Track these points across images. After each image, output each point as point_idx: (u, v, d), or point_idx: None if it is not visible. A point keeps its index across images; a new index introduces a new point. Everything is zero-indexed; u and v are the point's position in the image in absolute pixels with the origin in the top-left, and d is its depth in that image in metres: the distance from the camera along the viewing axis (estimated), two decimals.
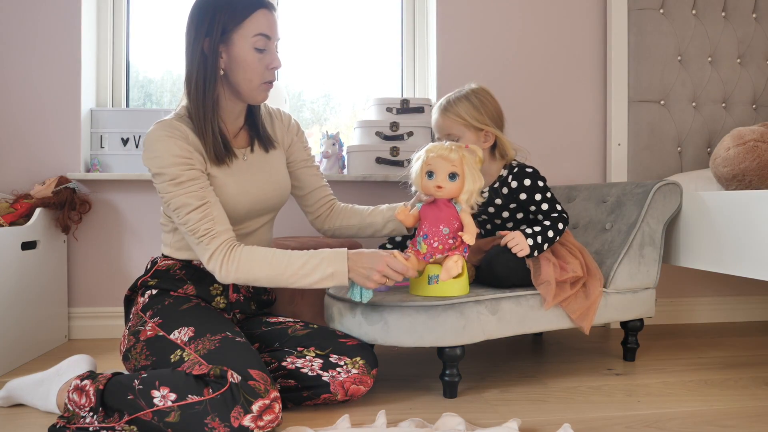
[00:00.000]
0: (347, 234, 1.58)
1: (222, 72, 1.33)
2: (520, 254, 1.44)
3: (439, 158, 1.32)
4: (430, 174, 1.34)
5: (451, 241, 1.32)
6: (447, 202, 1.34)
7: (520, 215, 1.56)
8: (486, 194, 1.56)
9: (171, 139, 1.27)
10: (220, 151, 1.33)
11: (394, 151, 2.09)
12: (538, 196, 1.52)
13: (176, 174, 1.26)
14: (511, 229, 1.54)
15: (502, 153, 1.56)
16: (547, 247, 1.49)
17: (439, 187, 1.31)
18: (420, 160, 1.36)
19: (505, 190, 1.54)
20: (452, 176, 1.31)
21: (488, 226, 1.61)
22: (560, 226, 1.51)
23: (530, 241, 1.46)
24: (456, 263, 1.30)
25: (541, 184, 1.52)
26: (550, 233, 1.49)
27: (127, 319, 1.42)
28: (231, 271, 1.26)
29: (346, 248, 1.30)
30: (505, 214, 1.57)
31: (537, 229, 1.49)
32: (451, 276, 1.31)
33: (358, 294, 1.32)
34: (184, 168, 1.27)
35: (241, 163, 1.40)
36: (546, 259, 1.48)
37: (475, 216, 1.61)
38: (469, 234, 1.32)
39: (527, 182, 1.51)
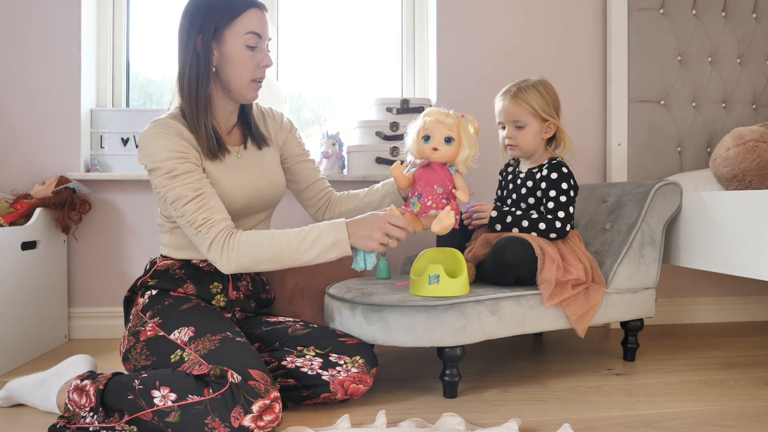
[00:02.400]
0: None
1: (214, 69, 1.35)
2: (479, 221, 1.56)
3: (436, 122, 1.34)
4: (426, 138, 1.36)
5: (444, 201, 1.33)
6: (441, 165, 1.35)
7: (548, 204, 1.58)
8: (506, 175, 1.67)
9: (166, 137, 1.30)
10: (213, 146, 1.35)
11: (394, 151, 2.09)
12: (552, 193, 1.54)
13: (172, 167, 1.28)
14: (534, 216, 1.56)
15: (557, 145, 1.62)
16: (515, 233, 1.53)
17: (435, 149, 1.33)
18: (417, 127, 1.38)
19: (538, 176, 1.58)
20: (448, 140, 1.33)
21: (514, 209, 1.60)
22: (542, 226, 1.52)
23: (494, 214, 1.54)
24: (448, 214, 1.29)
25: (564, 186, 1.54)
26: (525, 223, 1.52)
27: (126, 321, 1.42)
28: (232, 257, 1.27)
29: (343, 218, 1.30)
30: (531, 200, 1.60)
31: (518, 213, 1.54)
32: (443, 226, 1.29)
33: (362, 261, 1.31)
34: (179, 161, 1.29)
35: (234, 159, 1.42)
36: (550, 259, 1.48)
37: (504, 197, 1.68)
38: (463, 192, 1.34)
39: (554, 176, 1.55)
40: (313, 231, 1.29)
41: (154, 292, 1.37)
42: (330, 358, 1.32)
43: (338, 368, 1.31)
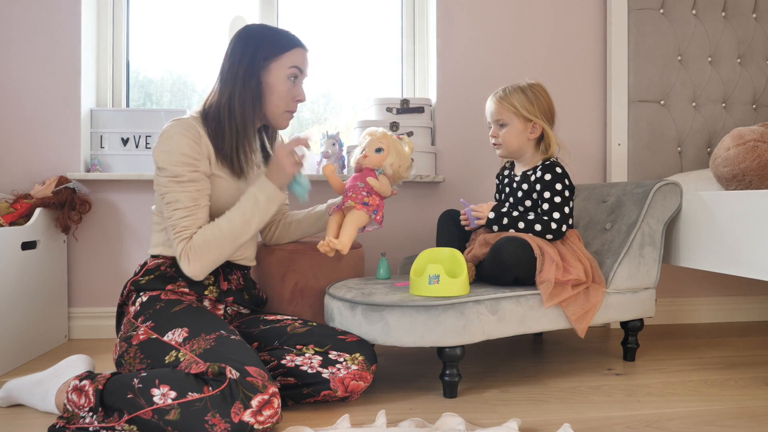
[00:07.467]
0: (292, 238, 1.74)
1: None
2: (477, 222, 1.59)
3: (372, 139, 1.58)
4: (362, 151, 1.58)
5: (364, 193, 1.51)
6: (370, 169, 1.56)
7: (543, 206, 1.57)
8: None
9: (184, 138, 1.36)
10: (237, 169, 1.44)
11: None
12: (547, 194, 1.54)
13: (179, 173, 1.34)
14: (530, 217, 1.56)
15: (546, 146, 1.62)
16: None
17: (365, 156, 1.56)
18: (360, 146, 1.60)
19: (532, 178, 1.59)
20: (378, 150, 1.56)
21: (514, 212, 1.60)
22: (538, 228, 1.52)
23: (492, 215, 1.57)
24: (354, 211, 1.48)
25: (559, 186, 1.54)
26: (522, 225, 1.53)
27: (118, 330, 1.44)
28: (193, 260, 1.35)
29: (262, 174, 1.44)
30: (528, 203, 1.61)
31: (515, 214, 1.55)
32: (342, 210, 1.49)
33: (298, 187, 1.46)
34: (189, 169, 1.35)
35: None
36: (550, 259, 1.48)
37: (502, 200, 1.71)
38: (382, 187, 1.52)
39: (548, 177, 1.56)
40: (248, 200, 1.40)
41: (144, 298, 1.38)
42: (329, 355, 1.32)
43: (338, 366, 1.31)
